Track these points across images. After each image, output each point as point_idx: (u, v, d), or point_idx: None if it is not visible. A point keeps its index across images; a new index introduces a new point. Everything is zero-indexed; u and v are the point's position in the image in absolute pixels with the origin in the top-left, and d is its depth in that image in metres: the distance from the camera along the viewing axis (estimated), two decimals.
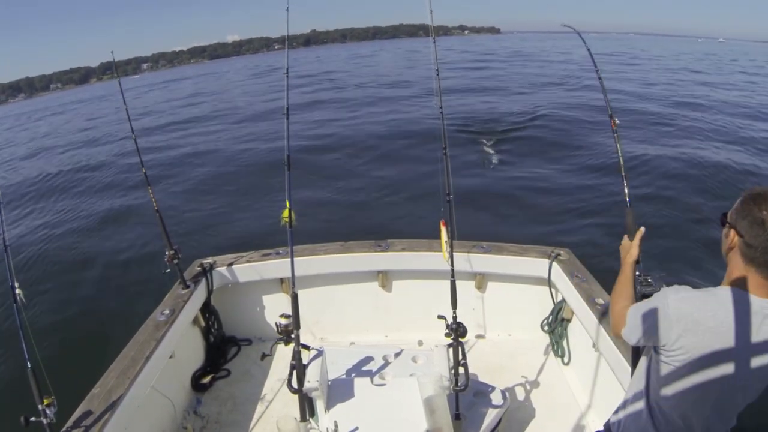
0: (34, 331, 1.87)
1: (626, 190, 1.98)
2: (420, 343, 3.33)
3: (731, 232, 1.29)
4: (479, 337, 3.48)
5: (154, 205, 2.98)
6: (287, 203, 2.10)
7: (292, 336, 2.07)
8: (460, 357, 2.20)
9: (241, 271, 3.26)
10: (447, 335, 2.24)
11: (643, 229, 1.70)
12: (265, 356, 2.49)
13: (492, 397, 2.49)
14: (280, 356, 3.19)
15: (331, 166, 9.76)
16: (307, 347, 2.19)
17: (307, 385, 2.04)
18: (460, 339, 2.23)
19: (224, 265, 3.24)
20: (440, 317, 2.29)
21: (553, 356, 3.25)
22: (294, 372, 2.04)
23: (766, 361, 1.22)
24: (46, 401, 1.78)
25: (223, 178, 9.65)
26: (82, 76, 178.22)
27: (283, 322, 2.08)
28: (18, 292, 1.89)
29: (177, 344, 2.80)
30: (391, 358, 2.51)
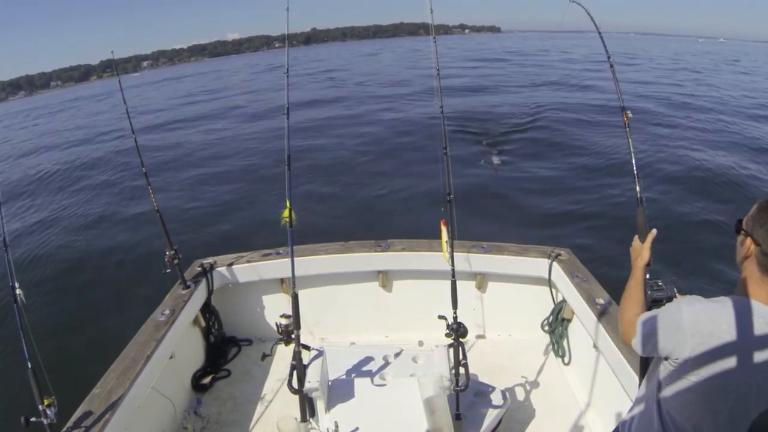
0: (35, 331, 1.86)
1: (638, 189, 1.87)
2: (420, 344, 3.33)
3: (747, 240, 1.23)
4: (479, 337, 3.48)
5: (155, 205, 2.97)
6: (287, 203, 2.10)
7: (293, 336, 2.07)
8: (461, 357, 2.20)
9: (242, 271, 3.26)
10: (447, 335, 2.24)
11: (655, 231, 1.61)
12: (265, 356, 2.49)
13: (492, 398, 2.49)
14: (281, 356, 3.19)
15: (331, 165, 9.77)
16: (308, 347, 2.19)
17: (308, 386, 2.04)
18: (460, 339, 2.22)
19: (224, 266, 3.24)
20: (440, 317, 2.28)
21: (554, 356, 3.25)
22: (294, 372, 2.04)
23: None
24: (46, 401, 1.77)
25: (223, 178, 9.66)
26: (82, 74, 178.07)
27: (284, 322, 2.08)
28: (18, 292, 1.89)
29: (177, 344, 2.80)
30: (392, 359, 2.51)
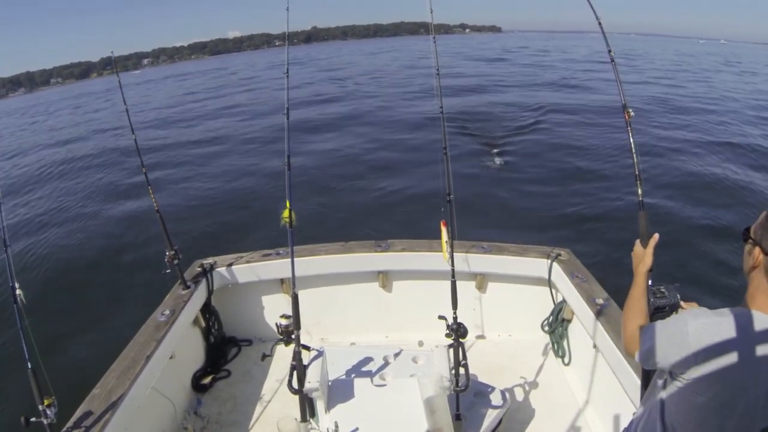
0: (35, 331, 1.86)
1: (639, 191, 1.77)
2: (420, 344, 3.33)
3: (755, 249, 1.17)
4: (479, 337, 3.48)
5: (155, 205, 2.97)
6: (287, 203, 2.10)
7: (293, 336, 2.07)
8: (461, 357, 2.20)
9: (242, 271, 3.26)
10: (447, 335, 2.24)
11: (657, 236, 1.54)
12: (265, 357, 2.49)
13: (492, 398, 2.49)
14: (281, 357, 3.19)
15: (331, 165, 9.77)
16: (308, 348, 2.19)
17: (308, 386, 2.04)
18: (460, 339, 2.22)
19: (224, 266, 3.24)
20: (441, 317, 2.28)
21: (554, 357, 3.25)
22: (294, 372, 2.04)
23: None
24: (46, 401, 1.77)
25: (223, 178, 9.66)
26: (82, 71, 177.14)
27: (284, 322, 2.08)
28: (18, 292, 1.89)
29: (177, 345, 2.80)
30: (392, 359, 2.51)
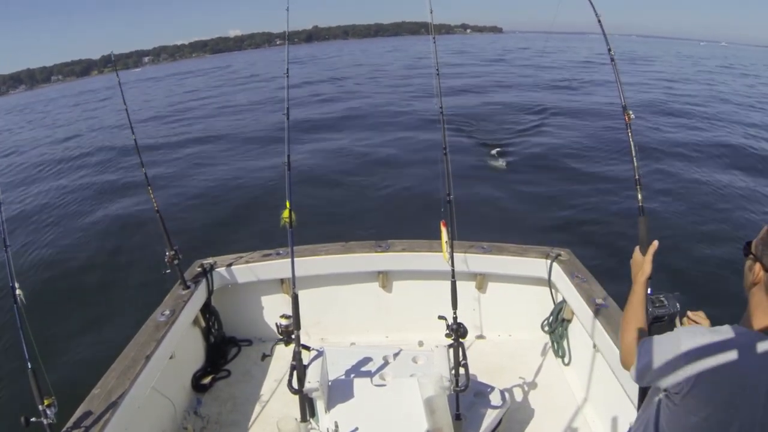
0: (35, 331, 1.86)
1: (639, 196, 1.72)
2: (420, 344, 3.33)
3: (756, 265, 1.13)
4: (479, 337, 3.48)
5: (155, 206, 2.97)
6: (287, 203, 2.10)
7: (293, 336, 2.08)
8: (461, 357, 2.20)
9: (242, 271, 3.26)
10: (447, 336, 2.25)
11: (656, 243, 1.50)
12: (265, 357, 2.49)
13: (492, 398, 2.49)
14: (281, 357, 3.20)
15: (331, 165, 9.77)
16: (308, 348, 2.19)
17: (308, 386, 2.04)
18: (460, 339, 2.23)
19: (224, 266, 3.24)
20: (441, 318, 2.29)
21: (554, 357, 3.25)
22: (294, 372, 2.04)
23: None
24: (46, 401, 1.77)
25: (224, 177, 9.66)
26: (83, 69, 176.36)
27: (284, 322, 2.08)
28: (18, 292, 1.89)
29: (177, 345, 2.80)
30: (392, 359, 2.52)
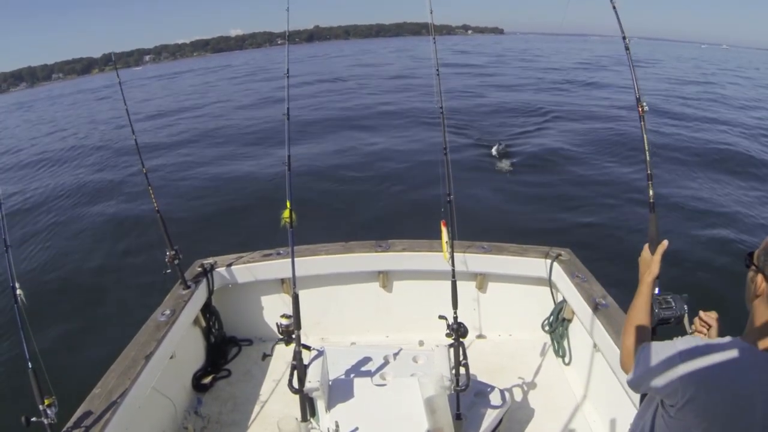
0: (35, 331, 1.87)
1: (651, 192, 1.68)
2: (421, 343, 3.33)
3: (758, 276, 1.11)
4: (480, 337, 3.48)
5: (155, 206, 2.97)
6: (287, 203, 2.10)
7: (293, 336, 2.08)
8: (461, 357, 2.20)
9: (242, 271, 3.27)
10: (448, 335, 2.25)
11: (666, 243, 1.47)
12: (265, 356, 2.49)
13: (493, 398, 2.49)
14: (281, 356, 3.19)
15: (331, 165, 9.77)
16: (308, 347, 2.19)
17: (308, 386, 2.05)
18: (460, 339, 2.23)
19: (225, 266, 3.24)
20: (441, 317, 2.29)
21: (554, 356, 3.25)
22: (295, 372, 2.04)
23: None
24: (47, 401, 1.78)
25: (224, 176, 9.66)
26: (84, 67, 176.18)
27: (284, 322, 2.09)
28: (19, 292, 1.89)
29: (178, 344, 2.80)
30: (392, 358, 2.51)
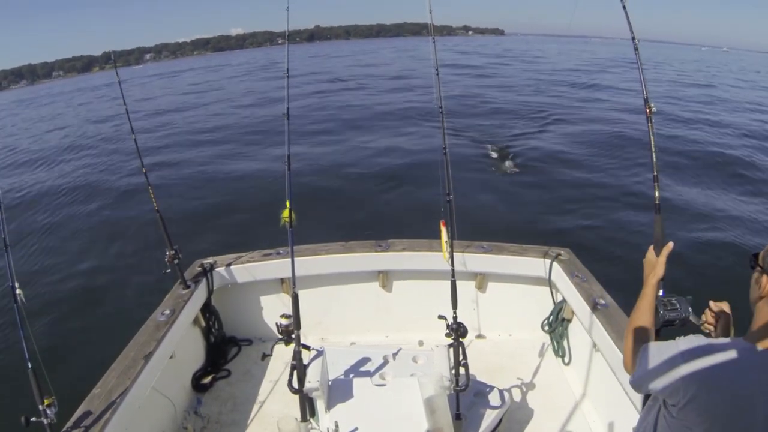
0: (35, 331, 1.86)
1: (656, 194, 1.67)
2: (420, 343, 3.33)
3: (763, 278, 1.11)
4: (479, 337, 3.48)
5: (155, 206, 2.97)
6: (287, 203, 2.10)
7: (293, 336, 2.08)
8: (461, 357, 2.20)
9: (242, 271, 3.26)
10: (447, 335, 2.25)
11: (671, 245, 1.46)
12: (265, 356, 2.49)
13: (492, 398, 2.49)
14: (281, 356, 3.19)
15: (332, 165, 9.78)
16: (308, 347, 2.19)
17: (308, 386, 2.05)
18: (460, 339, 2.23)
19: (225, 266, 3.24)
20: (441, 317, 2.29)
21: (554, 356, 3.25)
22: (294, 372, 2.04)
23: None
24: (46, 401, 1.78)
25: (224, 176, 9.66)
26: (84, 65, 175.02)
27: (284, 322, 2.09)
28: (18, 292, 1.89)
29: (177, 344, 2.80)
30: (392, 358, 2.51)
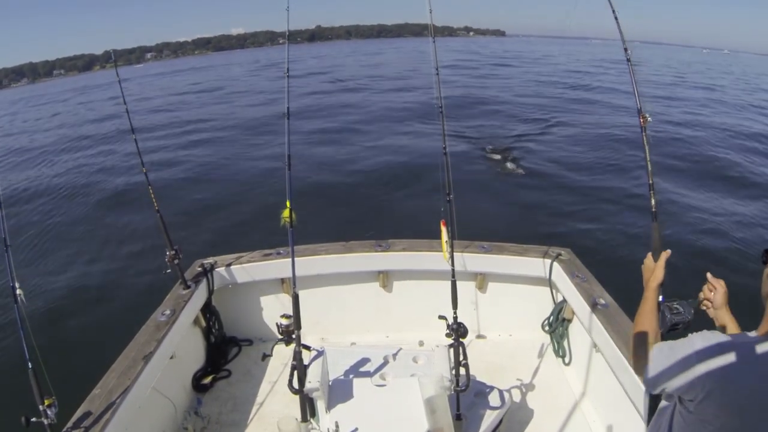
0: (35, 331, 1.86)
1: (653, 201, 1.73)
2: (421, 344, 3.33)
3: None
4: (480, 337, 3.48)
5: (155, 206, 2.97)
6: (287, 203, 2.10)
7: (293, 336, 2.07)
8: (461, 357, 2.20)
9: (242, 271, 3.26)
10: (448, 335, 2.24)
11: (668, 252, 1.50)
12: (265, 357, 2.49)
13: (492, 398, 2.49)
14: (281, 356, 3.19)
15: (332, 165, 9.78)
16: (308, 347, 2.19)
17: (308, 386, 2.04)
18: (460, 339, 2.22)
19: (225, 266, 3.24)
20: (441, 317, 2.29)
21: (554, 356, 3.25)
22: (295, 372, 2.04)
23: None
24: (47, 402, 1.77)
25: (224, 176, 9.66)
26: (85, 63, 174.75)
27: (284, 322, 2.08)
28: (18, 292, 1.89)
29: (178, 345, 2.80)
30: (392, 359, 2.51)
